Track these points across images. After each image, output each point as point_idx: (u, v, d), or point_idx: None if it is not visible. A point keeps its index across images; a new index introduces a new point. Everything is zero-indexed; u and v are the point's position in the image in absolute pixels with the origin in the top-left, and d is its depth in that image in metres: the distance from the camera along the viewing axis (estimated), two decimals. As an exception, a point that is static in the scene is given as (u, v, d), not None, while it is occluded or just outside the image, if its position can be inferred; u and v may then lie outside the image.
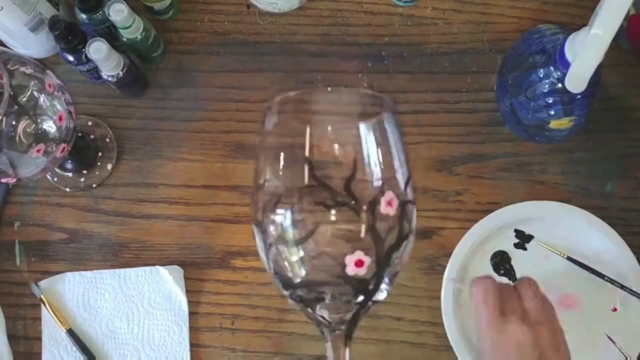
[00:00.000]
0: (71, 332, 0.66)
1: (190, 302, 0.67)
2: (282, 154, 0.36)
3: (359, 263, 0.34)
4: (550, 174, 0.69)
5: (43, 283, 0.67)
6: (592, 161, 0.69)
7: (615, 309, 0.65)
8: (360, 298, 0.36)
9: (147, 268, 0.67)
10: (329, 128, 0.35)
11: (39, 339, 0.67)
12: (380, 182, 0.35)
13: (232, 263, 0.68)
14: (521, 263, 0.66)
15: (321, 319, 0.36)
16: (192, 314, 0.67)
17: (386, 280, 0.36)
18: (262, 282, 0.68)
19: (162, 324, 0.67)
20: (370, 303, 0.36)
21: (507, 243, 0.67)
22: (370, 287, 0.35)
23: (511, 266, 0.66)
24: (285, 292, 0.37)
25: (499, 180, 0.69)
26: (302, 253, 0.35)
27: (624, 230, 0.64)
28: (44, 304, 0.67)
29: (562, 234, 0.66)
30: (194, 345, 0.67)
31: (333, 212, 0.34)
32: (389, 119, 0.36)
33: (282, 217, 0.35)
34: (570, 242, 0.66)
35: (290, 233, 0.35)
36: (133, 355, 0.66)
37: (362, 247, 0.34)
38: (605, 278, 0.64)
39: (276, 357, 0.67)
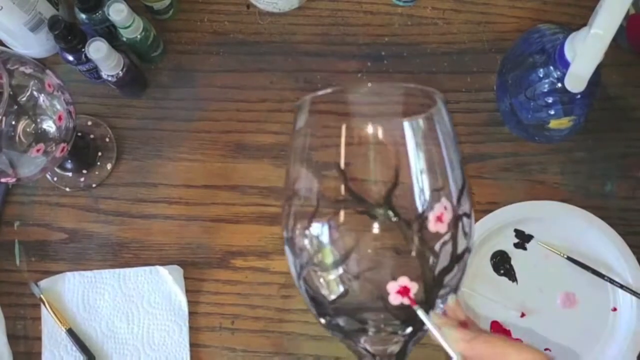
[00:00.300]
0: (71, 332, 0.66)
1: (190, 302, 0.67)
2: (312, 161, 0.31)
3: (404, 291, 0.29)
4: (550, 173, 0.69)
5: (43, 283, 0.67)
6: (592, 161, 0.69)
7: (615, 309, 0.65)
8: (409, 329, 0.31)
9: (147, 268, 0.67)
10: (369, 128, 0.29)
11: (39, 338, 0.67)
12: (427, 193, 0.29)
13: (232, 263, 0.68)
14: (521, 263, 0.66)
15: (364, 351, 0.31)
16: (192, 313, 0.67)
17: (439, 304, 0.31)
18: (262, 282, 0.68)
19: (162, 324, 0.67)
20: (420, 333, 0.31)
21: (507, 243, 0.66)
22: (417, 316, 0.30)
23: (511, 266, 0.66)
24: (323, 321, 0.32)
25: (499, 180, 0.69)
26: (339, 278, 0.30)
27: (624, 230, 0.64)
28: (44, 304, 0.67)
29: (562, 233, 0.66)
30: (193, 345, 0.67)
31: (372, 228, 0.29)
32: (439, 116, 0.31)
33: (317, 231, 0.30)
34: (570, 242, 0.66)
35: (328, 250, 0.29)
36: (133, 355, 0.66)
37: (407, 272, 0.29)
38: (605, 278, 0.64)
39: (276, 357, 0.67)
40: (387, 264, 0.29)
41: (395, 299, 0.29)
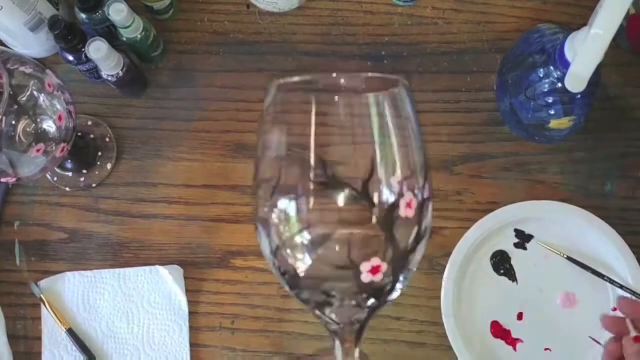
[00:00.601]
0: (71, 332, 0.66)
1: (190, 302, 0.67)
2: (283, 141, 0.32)
3: (375, 270, 0.31)
4: (550, 173, 0.69)
5: (43, 283, 0.67)
6: (592, 161, 0.69)
7: (615, 309, 0.65)
8: (372, 301, 0.33)
9: (147, 268, 0.67)
10: (340, 107, 0.30)
11: (39, 338, 0.67)
12: (399, 180, 0.31)
13: (232, 263, 0.68)
14: (521, 263, 0.66)
15: (330, 320, 0.33)
16: (192, 313, 0.67)
17: (401, 280, 0.33)
18: (262, 282, 0.68)
19: (162, 324, 0.67)
20: (382, 307, 0.34)
21: (507, 243, 0.66)
22: (386, 290, 0.33)
23: (511, 266, 0.66)
24: (291, 292, 0.34)
25: (499, 180, 0.69)
26: (310, 256, 0.31)
27: (624, 230, 0.64)
28: (44, 304, 0.67)
29: (562, 234, 0.66)
30: (194, 345, 0.67)
31: (345, 214, 0.30)
32: (402, 95, 0.32)
33: (289, 208, 0.31)
34: (570, 242, 0.66)
35: (294, 223, 0.31)
36: (133, 355, 0.66)
37: (378, 253, 0.31)
38: (605, 278, 0.64)
39: (276, 357, 0.67)
40: (359, 248, 0.31)
41: (367, 278, 0.31)
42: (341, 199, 0.30)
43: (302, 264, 0.32)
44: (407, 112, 0.32)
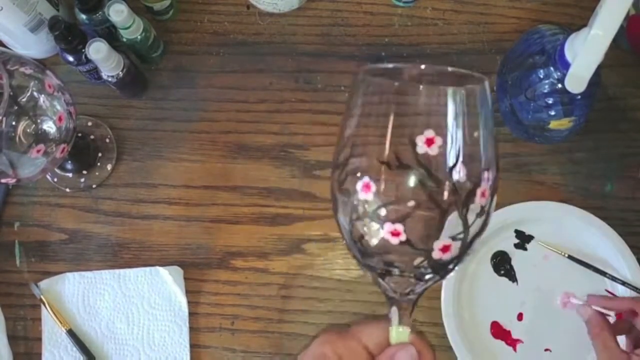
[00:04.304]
0: (71, 333, 0.66)
1: (190, 303, 0.67)
2: (370, 122, 0.34)
3: (446, 249, 0.34)
4: (550, 174, 0.69)
5: (43, 283, 0.67)
6: (592, 161, 0.69)
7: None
8: (431, 276, 0.35)
9: (147, 268, 0.67)
10: (424, 96, 0.33)
11: (39, 339, 0.67)
12: (479, 170, 0.34)
13: (231, 263, 0.68)
14: (521, 263, 0.66)
15: (389, 288, 0.36)
16: (192, 314, 0.67)
17: (463, 260, 0.36)
18: (262, 283, 0.68)
19: (162, 325, 0.67)
20: (441, 279, 0.36)
21: (507, 243, 0.67)
22: (449, 267, 0.35)
23: (511, 266, 0.66)
24: (358, 258, 0.36)
25: (498, 180, 0.69)
26: (386, 229, 0.33)
27: (623, 230, 0.64)
28: (44, 305, 0.67)
29: (562, 234, 0.66)
30: (193, 346, 0.67)
31: (425, 196, 0.33)
32: (485, 92, 0.35)
33: (372, 185, 0.33)
34: (570, 242, 0.66)
35: (379, 211, 0.33)
36: (133, 356, 0.66)
37: (452, 235, 0.34)
38: (607, 275, 0.64)
39: (276, 357, 0.67)
40: (434, 229, 0.33)
41: (437, 255, 0.34)
42: (423, 181, 0.33)
43: (375, 237, 0.34)
44: (488, 108, 0.35)
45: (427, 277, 0.35)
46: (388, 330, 0.35)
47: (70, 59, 0.64)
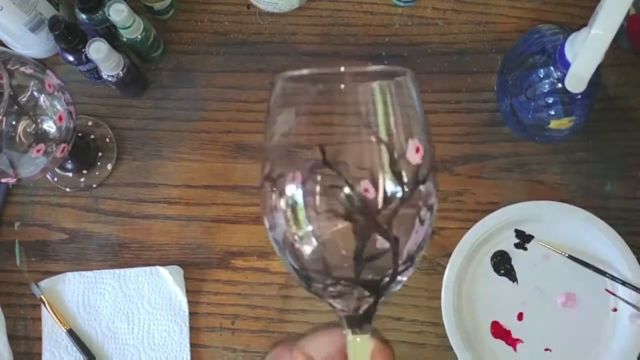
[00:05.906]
0: (71, 333, 0.66)
1: (190, 302, 0.67)
2: (290, 131, 0.33)
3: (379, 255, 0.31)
4: (551, 174, 0.69)
5: (43, 283, 0.67)
6: (592, 161, 0.69)
7: (615, 310, 0.65)
8: (369, 294, 0.33)
9: (147, 268, 0.67)
10: (346, 95, 0.31)
11: (39, 339, 0.67)
12: (405, 170, 0.30)
13: (232, 263, 0.68)
14: (521, 263, 0.66)
15: (334, 308, 0.34)
16: (192, 314, 0.67)
17: (402, 278, 0.33)
18: (262, 282, 0.68)
19: (162, 324, 0.67)
20: (385, 298, 0.33)
21: (507, 243, 0.66)
22: (382, 284, 0.32)
23: (511, 266, 0.66)
24: (298, 280, 0.34)
25: (499, 180, 0.69)
26: (315, 245, 0.32)
27: (624, 230, 0.64)
28: (44, 304, 0.67)
29: (562, 234, 0.66)
30: (194, 346, 0.67)
31: (348, 205, 0.30)
32: (407, 83, 0.33)
33: (296, 196, 0.32)
34: (570, 242, 0.66)
35: (301, 210, 0.32)
36: (133, 356, 0.66)
37: (381, 245, 0.31)
38: (607, 275, 0.64)
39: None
40: (356, 234, 0.31)
41: (366, 274, 0.31)
42: (345, 189, 0.30)
43: (307, 252, 0.32)
44: (413, 99, 0.33)
45: (366, 294, 0.33)
46: (338, 340, 0.34)
47: (70, 58, 0.64)
